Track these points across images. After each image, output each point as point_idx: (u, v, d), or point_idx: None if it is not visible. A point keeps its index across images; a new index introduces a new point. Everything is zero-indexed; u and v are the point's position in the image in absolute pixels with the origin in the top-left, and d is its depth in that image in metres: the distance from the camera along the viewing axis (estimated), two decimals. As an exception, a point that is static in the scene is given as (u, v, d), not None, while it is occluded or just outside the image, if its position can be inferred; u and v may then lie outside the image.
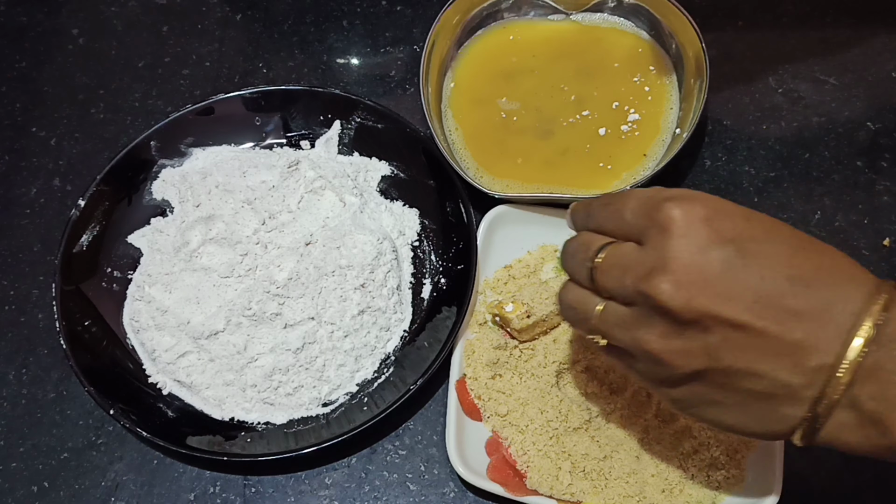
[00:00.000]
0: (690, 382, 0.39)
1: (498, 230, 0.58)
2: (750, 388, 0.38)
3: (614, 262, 0.41)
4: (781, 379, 0.37)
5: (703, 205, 0.38)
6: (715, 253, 0.37)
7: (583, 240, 0.43)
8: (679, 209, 0.38)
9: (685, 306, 0.37)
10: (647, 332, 0.39)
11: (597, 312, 0.42)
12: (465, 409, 0.54)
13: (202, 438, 0.53)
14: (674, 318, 0.38)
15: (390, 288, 0.57)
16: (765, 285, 0.37)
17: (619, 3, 0.64)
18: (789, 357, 0.37)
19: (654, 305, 0.38)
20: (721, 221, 0.38)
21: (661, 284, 0.37)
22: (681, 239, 0.38)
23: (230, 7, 0.72)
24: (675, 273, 0.37)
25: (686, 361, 0.38)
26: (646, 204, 0.40)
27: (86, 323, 0.56)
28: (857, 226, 0.60)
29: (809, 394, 0.37)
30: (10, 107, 0.69)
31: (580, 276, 0.43)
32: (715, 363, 0.38)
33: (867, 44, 0.66)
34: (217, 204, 0.59)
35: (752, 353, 0.37)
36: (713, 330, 0.37)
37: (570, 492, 0.51)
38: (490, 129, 0.62)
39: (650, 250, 0.39)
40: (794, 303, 0.37)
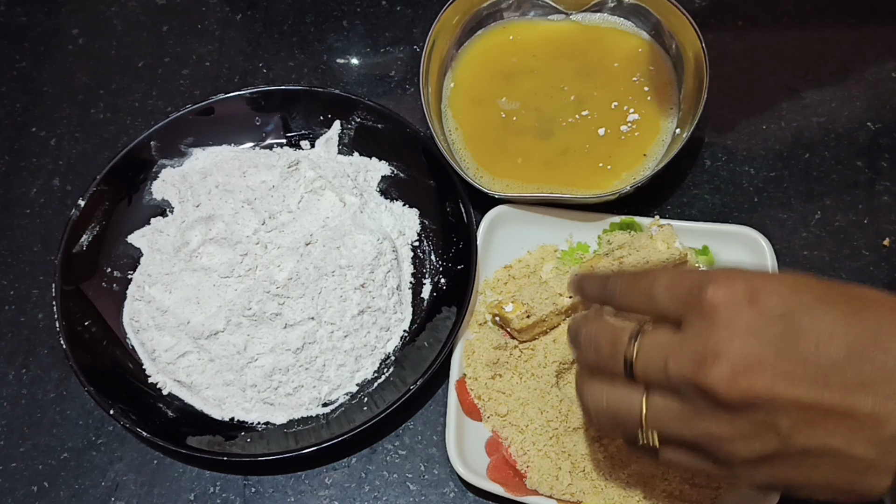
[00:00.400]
0: (768, 465, 0.38)
1: (498, 230, 0.58)
2: (829, 464, 0.37)
3: (656, 353, 0.38)
4: (859, 454, 0.36)
5: (745, 283, 0.37)
6: (767, 333, 0.36)
7: (606, 329, 0.41)
8: (721, 291, 0.37)
9: (745, 394, 0.36)
10: (711, 422, 0.37)
11: (643, 410, 0.39)
12: (465, 409, 0.54)
13: (202, 438, 0.53)
14: (733, 407, 0.36)
15: (390, 288, 0.57)
16: (824, 359, 0.35)
17: (619, 3, 0.64)
18: (863, 430, 0.35)
19: (710, 396, 0.36)
20: (767, 298, 0.37)
21: (716, 374, 0.36)
22: (728, 323, 0.36)
23: (230, 7, 0.72)
24: (728, 362, 0.36)
25: (757, 445, 0.37)
26: (681, 286, 0.38)
27: (86, 323, 0.56)
28: (857, 226, 0.60)
29: (890, 462, 0.36)
30: (10, 107, 0.69)
31: (612, 367, 0.40)
32: (787, 445, 0.36)
33: (867, 44, 0.66)
34: (217, 204, 0.59)
35: (824, 430, 0.36)
36: (778, 413, 0.36)
37: (570, 492, 0.51)
38: (490, 129, 0.62)
39: (695, 337, 0.37)
40: (857, 374, 0.35)
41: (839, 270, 0.58)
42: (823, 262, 0.59)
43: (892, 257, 0.59)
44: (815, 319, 0.36)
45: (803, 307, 0.37)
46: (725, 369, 0.36)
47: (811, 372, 0.36)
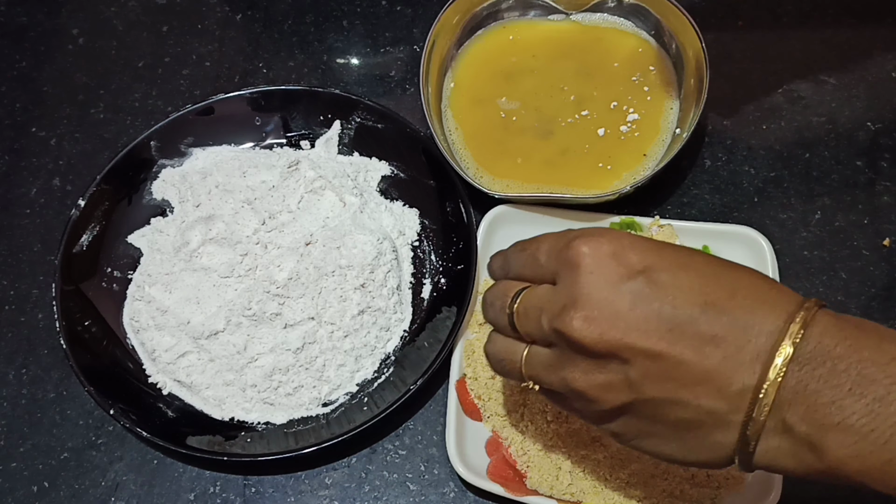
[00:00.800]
0: (622, 416, 0.40)
1: (498, 230, 0.58)
2: (678, 417, 0.38)
3: (530, 305, 0.41)
4: (705, 406, 0.37)
5: (609, 240, 0.39)
6: (625, 286, 0.38)
7: (500, 288, 0.44)
8: (586, 246, 0.39)
9: (599, 340, 0.37)
10: (570, 370, 0.39)
11: (523, 359, 0.43)
12: (466, 409, 0.54)
13: (202, 438, 0.53)
14: (591, 354, 0.38)
15: (390, 288, 0.57)
16: (678, 314, 0.37)
17: (619, 3, 0.64)
18: (710, 383, 0.36)
19: (570, 343, 0.38)
20: (629, 255, 0.38)
21: (574, 321, 0.38)
22: (590, 275, 0.38)
23: (230, 7, 0.72)
24: (585, 308, 0.38)
25: (612, 396, 0.39)
26: (556, 244, 0.41)
27: (86, 323, 0.56)
28: (857, 226, 0.60)
29: (737, 418, 0.37)
30: (10, 107, 0.69)
31: (501, 323, 0.44)
32: (639, 395, 0.38)
33: (867, 44, 0.66)
34: (217, 204, 0.59)
35: (673, 382, 0.37)
36: (632, 362, 0.37)
37: (570, 492, 0.51)
38: (490, 129, 0.62)
39: (562, 289, 0.39)
40: (708, 329, 0.36)
41: (839, 270, 0.58)
42: (823, 262, 0.59)
43: (892, 257, 0.59)
44: (674, 278, 0.38)
45: (664, 267, 0.38)
46: (582, 315, 0.38)
47: (663, 325, 0.37)
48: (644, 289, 0.38)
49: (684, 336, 0.37)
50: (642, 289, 0.38)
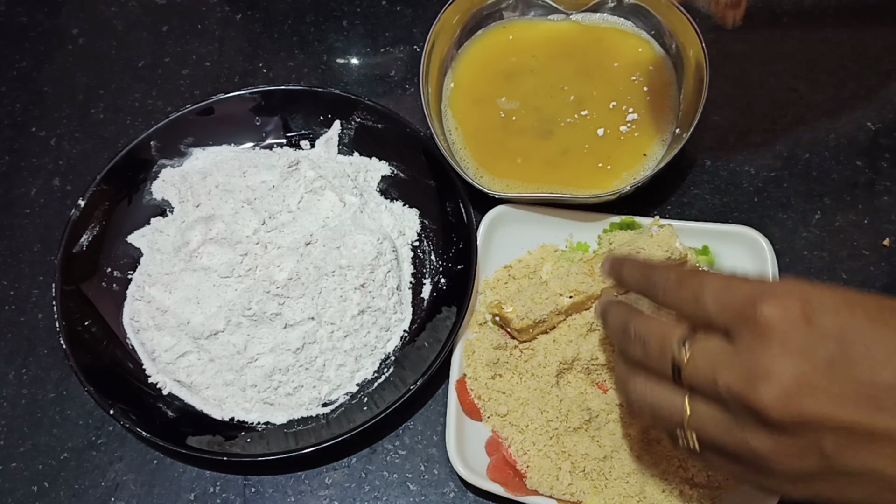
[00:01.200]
0: (809, 482, 0.37)
1: (498, 230, 0.58)
2: (871, 485, 0.36)
3: (706, 363, 0.38)
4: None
5: (799, 300, 0.36)
6: (820, 354, 0.36)
7: (656, 328, 0.41)
8: (776, 309, 0.36)
9: (795, 417, 0.35)
10: (754, 437, 0.37)
11: (687, 413, 0.40)
12: (466, 409, 0.54)
13: (202, 438, 0.53)
14: (783, 427, 0.36)
15: (390, 288, 0.57)
16: (877, 382, 0.35)
17: (619, 3, 0.64)
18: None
19: (759, 415, 0.36)
20: (822, 318, 0.36)
21: (767, 394, 0.36)
22: (782, 343, 0.36)
23: (230, 7, 0.72)
24: (780, 382, 0.35)
25: (800, 463, 0.37)
26: (733, 298, 0.38)
27: (86, 323, 0.56)
28: (857, 226, 0.60)
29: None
30: (10, 107, 0.69)
31: (658, 367, 0.41)
32: (830, 464, 0.36)
33: (867, 44, 0.66)
34: (217, 204, 0.59)
35: (869, 453, 0.35)
36: (826, 434, 0.35)
37: (570, 492, 0.51)
38: (490, 129, 0.62)
39: (747, 353, 0.37)
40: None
41: (839, 270, 0.58)
42: (823, 262, 0.59)
43: (892, 257, 0.59)
44: (870, 341, 0.36)
45: (858, 327, 0.36)
46: (777, 390, 0.35)
47: (863, 395, 0.35)
48: (840, 355, 0.35)
49: (884, 407, 0.35)
50: (838, 356, 0.35)
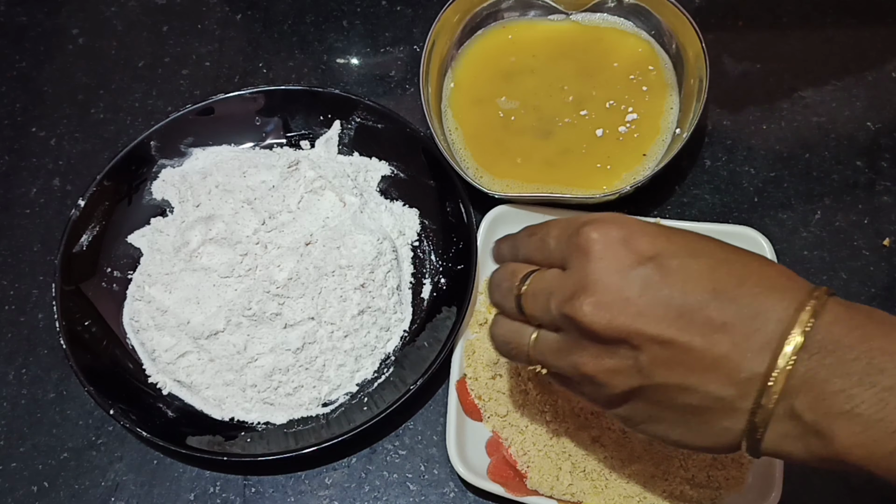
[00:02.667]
0: (631, 401, 0.40)
1: (498, 230, 0.58)
2: (686, 402, 0.38)
3: (539, 288, 0.41)
4: (713, 392, 0.37)
5: (619, 226, 0.39)
6: (635, 272, 0.38)
7: (507, 269, 0.44)
8: (596, 232, 0.39)
9: (608, 326, 0.38)
10: (579, 355, 0.40)
11: (531, 342, 0.43)
12: (466, 409, 0.54)
13: (202, 438, 0.53)
14: (600, 339, 0.38)
15: (390, 288, 0.57)
16: (687, 300, 0.37)
17: (619, 3, 0.64)
18: (719, 370, 0.37)
19: (580, 328, 0.39)
20: (639, 241, 0.39)
21: (583, 306, 0.38)
22: (599, 261, 0.38)
23: (230, 7, 0.72)
24: (595, 294, 0.38)
25: (621, 380, 0.39)
26: (566, 229, 0.41)
27: (86, 323, 0.56)
28: (857, 226, 0.60)
29: (745, 405, 0.37)
30: (10, 107, 0.69)
31: (507, 305, 0.44)
32: (648, 380, 0.38)
33: (867, 44, 0.66)
34: (217, 204, 0.59)
35: (682, 368, 0.37)
36: (641, 348, 0.38)
37: (570, 492, 0.51)
38: (490, 129, 0.62)
39: (572, 274, 0.40)
40: (718, 315, 0.37)
41: (839, 270, 0.58)
42: (823, 262, 0.59)
43: (892, 257, 0.59)
44: (684, 264, 0.38)
45: (674, 252, 0.38)
46: (592, 301, 0.38)
47: (672, 311, 0.37)
48: (654, 275, 0.38)
49: (693, 323, 0.37)
50: (652, 275, 0.38)
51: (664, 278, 0.38)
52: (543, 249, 0.42)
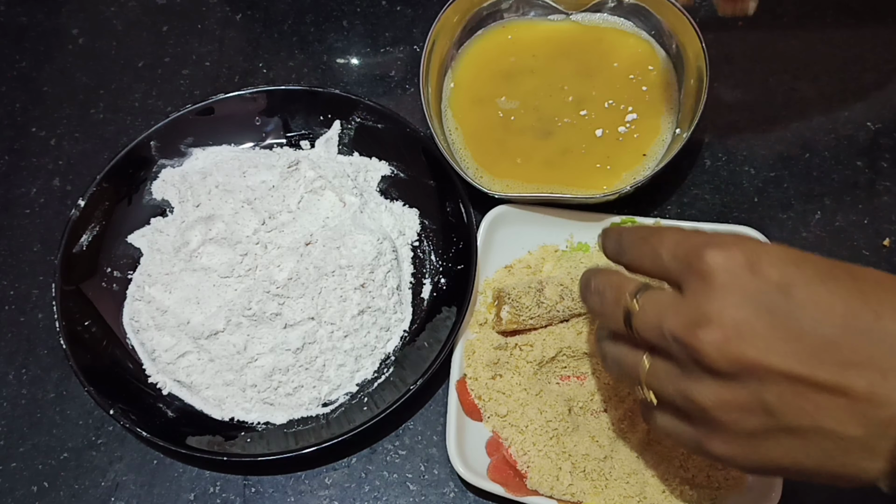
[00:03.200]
0: (755, 442, 0.37)
1: (498, 230, 0.58)
2: (819, 444, 0.35)
3: (653, 310, 0.39)
4: (850, 434, 0.35)
5: (744, 251, 0.37)
6: (762, 303, 0.35)
7: (613, 279, 0.42)
8: (720, 256, 0.36)
9: (734, 362, 0.35)
10: (698, 385, 0.37)
11: (645, 369, 0.40)
12: (466, 409, 0.54)
13: (202, 438, 0.53)
14: (722, 373, 0.36)
15: (390, 288, 0.57)
16: (819, 333, 0.35)
17: (619, 3, 0.64)
18: (856, 410, 0.34)
19: (699, 359, 0.36)
20: (766, 267, 0.36)
21: (707, 339, 0.36)
22: (723, 289, 0.36)
23: (230, 7, 0.72)
24: (718, 326, 0.35)
25: (744, 417, 0.36)
26: (685, 247, 0.38)
27: (86, 323, 0.56)
28: (857, 226, 0.60)
29: (885, 445, 0.34)
30: (10, 107, 0.69)
31: (611, 316, 0.41)
32: (775, 421, 0.36)
33: (867, 44, 0.66)
34: (217, 204, 0.59)
35: (815, 408, 0.35)
36: (768, 385, 0.35)
37: (570, 492, 0.51)
38: (490, 129, 0.62)
39: (692, 301, 0.37)
40: (853, 351, 0.34)
41: (839, 270, 0.58)
42: (823, 262, 0.59)
43: (892, 257, 0.59)
44: (815, 293, 0.35)
45: (803, 280, 0.36)
46: (717, 334, 0.36)
47: (806, 346, 0.35)
48: (782, 305, 0.35)
49: (826, 358, 0.34)
50: (780, 305, 0.35)
51: (794, 309, 0.35)
52: (655, 261, 0.40)
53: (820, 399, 0.35)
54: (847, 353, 0.34)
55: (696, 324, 0.36)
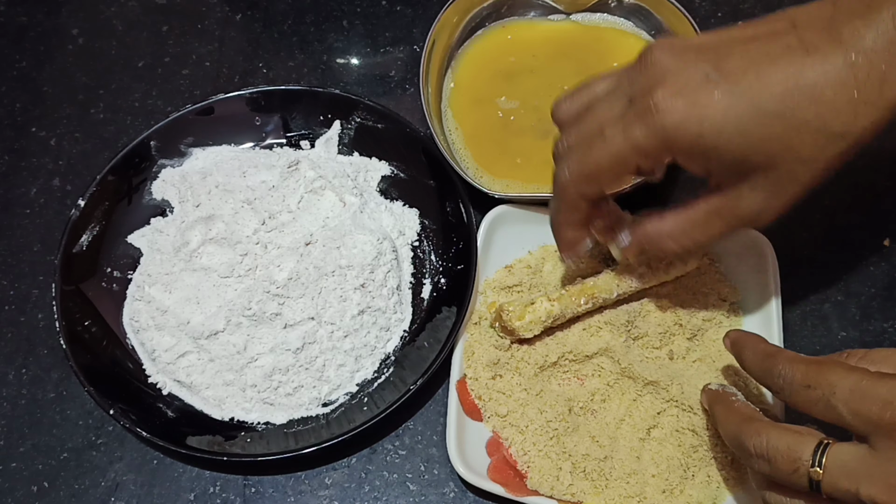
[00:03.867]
0: None
1: (498, 230, 0.58)
2: None
3: (844, 475, 0.38)
4: None
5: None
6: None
7: (782, 445, 0.40)
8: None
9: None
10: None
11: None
12: (466, 409, 0.54)
13: (202, 438, 0.53)
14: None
15: (390, 288, 0.57)
16: None
17: (619, 3, 0.64)
18: None
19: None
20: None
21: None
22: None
23: (230, 7, 0.72)
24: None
25: None
26: (868, 404, 0.37)
27: (86, 323, 0.56)
28: (857, 226, 0.60)
29: None
30: (10, 107, 0.69)
31: (788, 483, 0.40)
32: None
33: (867, 44, 0.66)
34: (217, 204, 0.59)
35: None
36: None
37: (570, 492, 0.51)
38: (490, 128, 0.62)
39: (889, 463, 0.36)
40: None
41: (839, 271, 0.58)
42: (823, 263, 0.59)
43: (892, 257, 0.59)
44: None
45: None
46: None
47: None
48: None
49: None
50: None
51: None
52: (830, 413, 0.39)
53: None
54: None
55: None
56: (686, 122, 0.41)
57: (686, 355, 0.55)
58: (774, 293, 0.55)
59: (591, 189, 0.46)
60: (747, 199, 0.43)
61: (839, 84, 0.39)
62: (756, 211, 0.44)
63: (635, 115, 0.42)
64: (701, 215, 0.46)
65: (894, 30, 0.39)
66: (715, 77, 0.40)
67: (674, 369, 0.54)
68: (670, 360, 0.54)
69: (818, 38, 0.40)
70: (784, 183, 0.42)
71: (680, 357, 0.55)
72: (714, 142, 0.41)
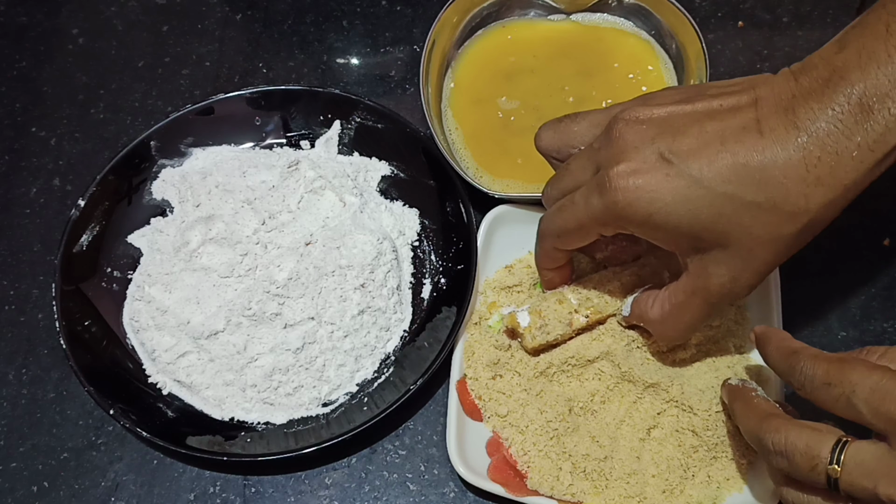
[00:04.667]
0: None
1: (498, 230, 0.58)
2: None
3: (863, 473, 0.38)
4: None
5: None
6: None
7: (800, 442, 0.40)
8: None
9: None
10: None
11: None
12: (466, 409, 0.54)
13: (202, 438, 0.53)
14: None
15: (390, 288, 0.57)
16: None
17: (619, 3, 0.64)
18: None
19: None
20: None
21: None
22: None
23: (230, 7, 0.72)
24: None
25: None
26: (889, 403, 0.37)
27: (86, 323, 0.56)
28: (857, 226, 0.60)
29: None
30: (10, 107, 0.69)
31: (810, 480, 0.40)
32: None
33: (867, 44, 0.66)
34: (217, 204, 0.59)
35: None
36: None
37: (570, 492, 0.51)
38: (490, 128, 0.62)
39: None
40: None
41: (839, 270, 0.58)
42: (823, 262, 0.59)
43: (892, 257, 0.59)
44: None
45: None
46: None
47: None
48: None
49: None
50: None
51: None
52: (850, 411, 0.39)
53: None
54: None
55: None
56: (638, 202, 0.42)
57: (687, 356, 0.55)
58: (774, 293, 0.55)
59: (563, 245, 0.50)
60: (714, 274, 0.44)
61: (790, 167, 0.40)
62: (725, 285, 0.44)
63: (596, 186, 0.44)
64: (682, 297, 0.47)
65: (849, 113, 0.39)
66: (668, 156, 0.42)
67: (674, 370, 0.54)
68: (672, 360, 0.54)
69: (774, 120, 0.41)
70: (745, 258, 0.43)
71: (680, 357, 0.55)
72: (664, 220, 0.42)
